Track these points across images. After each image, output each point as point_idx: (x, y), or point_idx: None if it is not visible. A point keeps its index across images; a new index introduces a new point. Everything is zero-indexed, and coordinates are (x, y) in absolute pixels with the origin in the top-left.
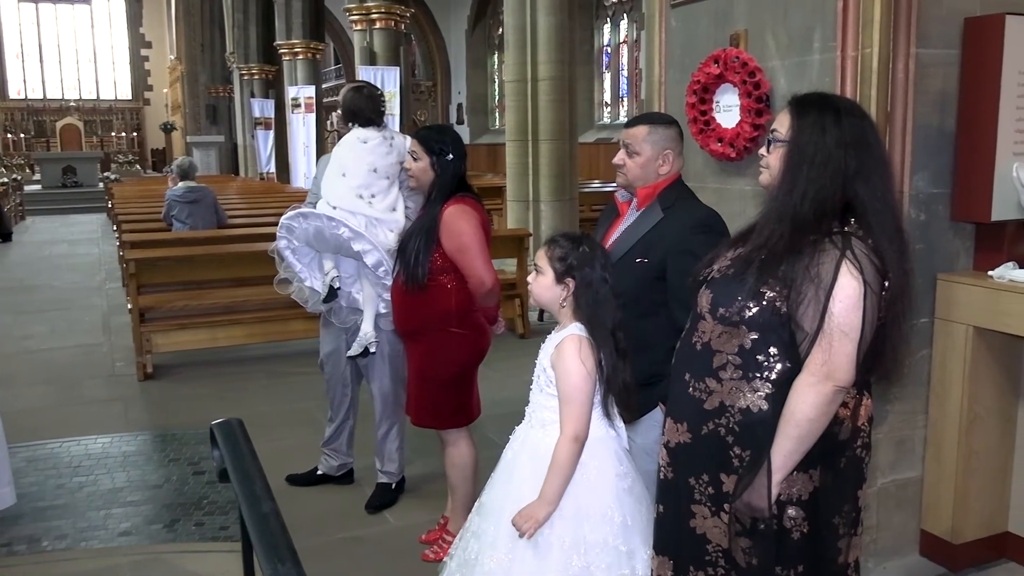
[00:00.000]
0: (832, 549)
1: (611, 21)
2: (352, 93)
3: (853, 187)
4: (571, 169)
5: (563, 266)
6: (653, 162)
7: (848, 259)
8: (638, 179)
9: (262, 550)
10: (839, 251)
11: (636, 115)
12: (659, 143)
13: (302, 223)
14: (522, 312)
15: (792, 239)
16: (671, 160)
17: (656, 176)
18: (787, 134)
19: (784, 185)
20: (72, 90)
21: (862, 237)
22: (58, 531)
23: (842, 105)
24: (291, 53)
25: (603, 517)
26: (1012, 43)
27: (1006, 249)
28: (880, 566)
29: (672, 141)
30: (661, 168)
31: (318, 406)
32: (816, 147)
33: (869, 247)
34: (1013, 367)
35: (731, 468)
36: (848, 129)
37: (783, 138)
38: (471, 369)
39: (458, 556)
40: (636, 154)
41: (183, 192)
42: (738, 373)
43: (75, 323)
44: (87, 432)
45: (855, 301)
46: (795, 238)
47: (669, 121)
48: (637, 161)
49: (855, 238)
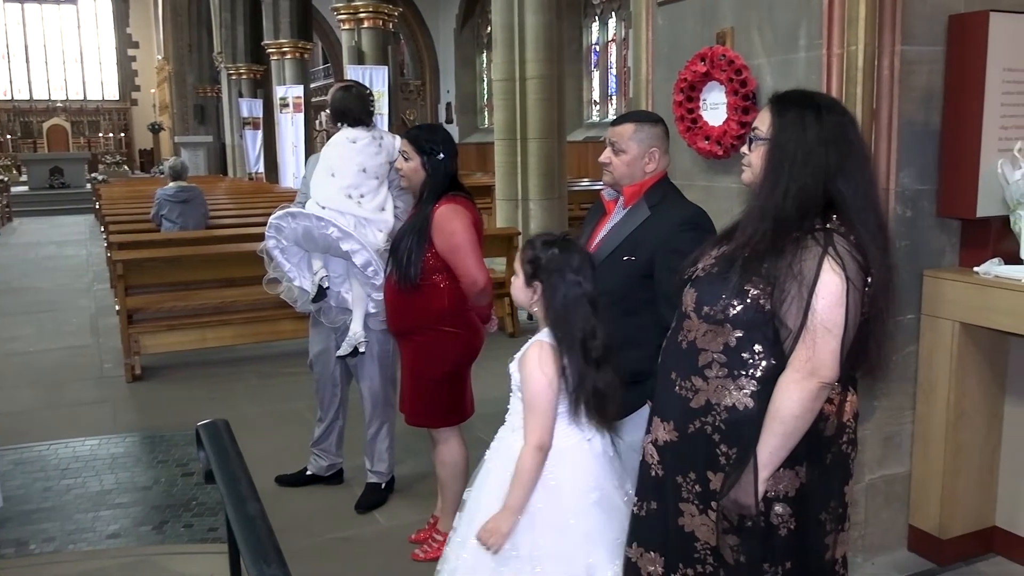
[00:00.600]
0: (819, 545)
1: (599, 20)
2: (341, 93)
3: (835, 184)
4: (560, 168)
5: (531, 269)
6: (639, 160)
7: (830, 256)
8: (624, 177)
9: (248, 551)
10: (821, 248)
11: (622, 113)
12: (645, 141)
13: (291, 223)
14: (511, 311)
15: (775, 237)
16: (657, 158)
17: (643, 174)
18: (768, 132)
19: (766, 183)
20: (59, 91)
21: (844, 234)
22: (46, 534)
23: (823, 102)
24: (279, 53)
25: (564, 526)
26: (996, 40)
27: (992, 245)
28: (869, 562)
29: (658, 139)
30: (647, 166)
31: (307, 406)
32: (797, 144)
33: (851, 243)
34: (999, 363)
35: (718, 466)
36: (829, 126)
37: (764, 136)
38: (465, 368)
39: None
40: (622, 152)
41: (174, 192)
42: (723, 371)
43: (63, 325)
44: (75, 434)
45: (838, 298)
46: (778, 236)
47: (655, 119)
48: (623, 159)
49: (837, 235)
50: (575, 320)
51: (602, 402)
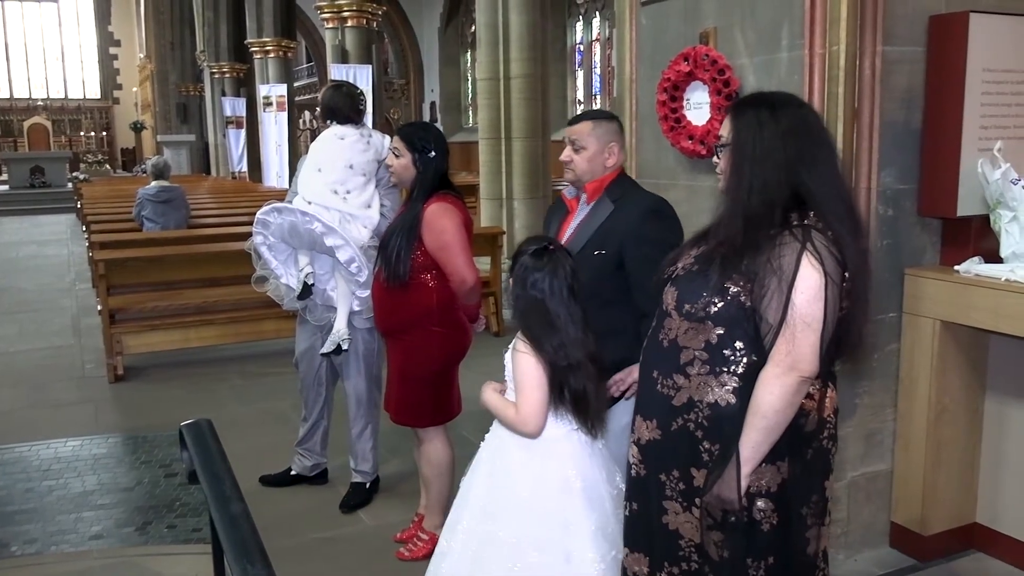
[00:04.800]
0: (801, 540)
1: (583, 19)
2: (331, 91)
3: (798, 175)
4: (544, 167)
5: (510, 273)
6: (599, 155)
7: (809, 251)
8: (586, 173)
9: (231, 551)
10: (800, 243)
11: (577, 113)
12: (603, 137)
13: (277, 218)
14: (496, 310)
15: (747, 234)
16: (616, 152)
17: (603, 169)
18: (728, 136)
19: (731, 184)
20: (40, 89)
21: (822, 230)
22: (27, 535)
23: (776, 99)
24: (262, 51)
25: (546, 514)
26: (976, 40)
27: (972, 244)
28: (851, 558)
29: (615, 134)
30: (607, 161)
31: (291, 406)
32: (754, 142)
33: (829, 239)
34: (979, 360)
35: (701, 463)
36: (784, 120)
37: (726, 141)
38: (453, 367)
39: None
40: (583, 149)
41: (156, 191)
42: (705, 368)
43: (44, 325)
44: (57, 435)
45: (816, 292)
46: (750, 233)
47: (611, 116)
48: (584, 156)
49: (815, 230)
50: (533, 322)
51: (579, 402)
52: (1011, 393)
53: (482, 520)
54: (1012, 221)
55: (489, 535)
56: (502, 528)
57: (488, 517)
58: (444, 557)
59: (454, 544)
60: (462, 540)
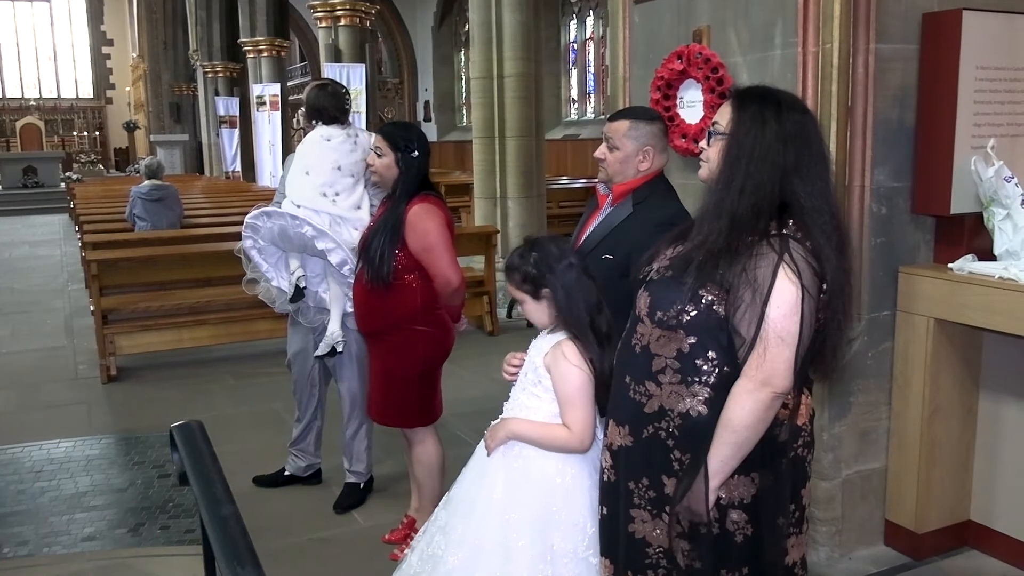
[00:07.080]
0: (778, 549)
1: (577, 18)
2: (316, 91)
3: (791, 183)
4: (538, 166)
5: (531, 285)
6: (633, 158)
7: (786, 263)
8: (617, 174)
9: (222, 554)
10: (777, 255)
11: (621, 109)
12: (639, 139)
13: (266, 222)
14: (490, 309)
15: (730, 236)
16: (651, 157)
17: (636, 172)
18: (727, 127)
19: (722, 179)
20: (32, 89)
21: (800, 240)
22: (19, 537)
23: (784, 99)
24: (255, 51)
25: (574, 526)
26: (969, 38)
27: (966, 242)
28: (846, 557)
29: (653, 138)
30: (641, 164)
31: (285, 406)
32: (755, 140)
33: (807, 250)
34: (973, 358)
35: (672, 471)
36: (788, 124)
37: (723, 131)
38: (437, 367)
39: (420, 549)
40: (616, 149)
41: (148, 190)
42: (677, 377)
43: (37, 326)
44: (49, 436)
45: (792, 306)
46: (732, 235)
47: (652, 117)
48: (617, 156)
49: (793, 241)
50: (579, 302)
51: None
52: (1005, 391)
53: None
54: (1005, 219)
55: (515, 545)
56: (530, 538)
57: (504, 525)
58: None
59: (462, 555)
60: (472, 547)
